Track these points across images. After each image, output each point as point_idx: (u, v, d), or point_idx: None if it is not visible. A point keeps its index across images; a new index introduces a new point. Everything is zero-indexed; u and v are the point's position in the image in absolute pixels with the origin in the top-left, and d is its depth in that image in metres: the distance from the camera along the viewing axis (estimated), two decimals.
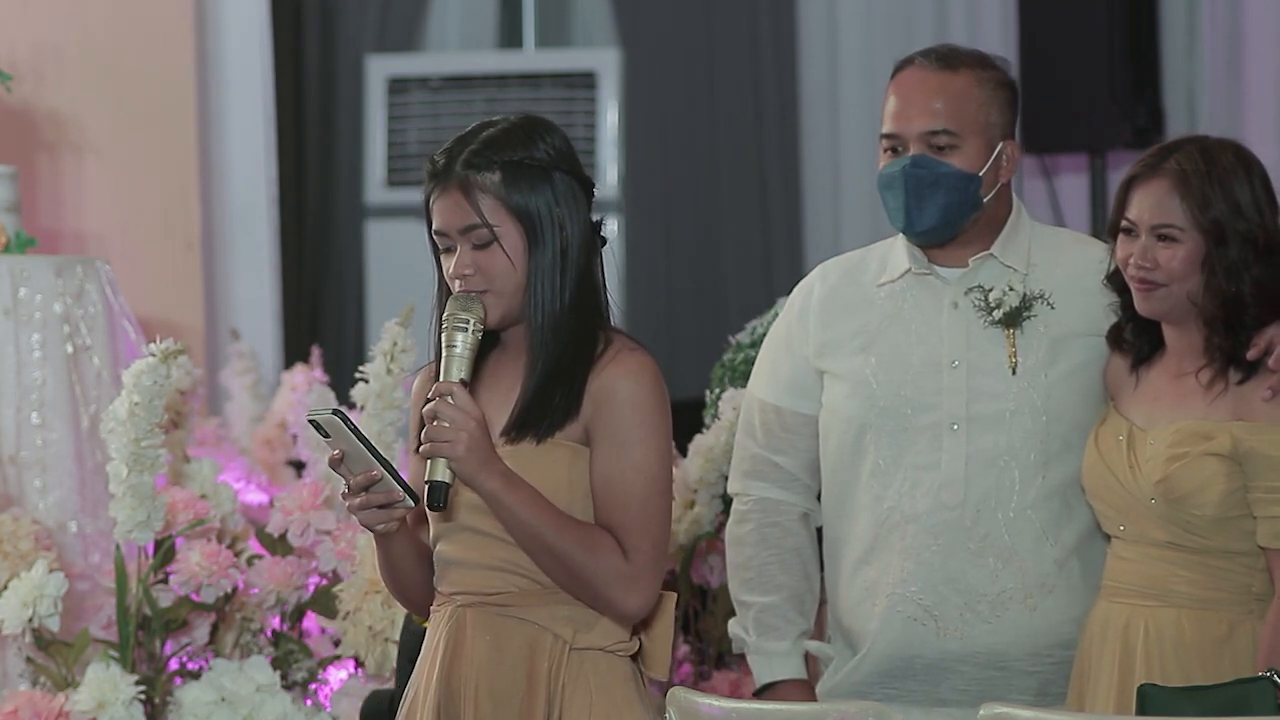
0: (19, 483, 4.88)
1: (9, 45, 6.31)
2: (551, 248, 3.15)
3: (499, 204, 3.13)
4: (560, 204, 3.16)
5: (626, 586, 3.11)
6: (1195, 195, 3.47)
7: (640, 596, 3.12)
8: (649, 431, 3.12)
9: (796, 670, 3.78)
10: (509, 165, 3.14)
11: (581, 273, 3.17)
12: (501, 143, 3.16)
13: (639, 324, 8.43)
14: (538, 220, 3.14)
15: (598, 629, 3.15)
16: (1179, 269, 3.48)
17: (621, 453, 3.12)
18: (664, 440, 3.14)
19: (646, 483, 3.12)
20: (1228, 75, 7.65)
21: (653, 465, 3.12)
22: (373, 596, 4.52)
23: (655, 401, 3.13)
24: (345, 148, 8.84)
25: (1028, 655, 3.66)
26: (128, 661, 4.45)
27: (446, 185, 3.15)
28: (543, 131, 3.19)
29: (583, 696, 3.14)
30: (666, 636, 3.22)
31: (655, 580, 3.14)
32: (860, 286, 3.78)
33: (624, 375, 3.12)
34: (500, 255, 3.13)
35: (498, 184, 3.13)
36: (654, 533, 3.12)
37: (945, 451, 3.66)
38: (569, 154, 3.20)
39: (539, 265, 3.14)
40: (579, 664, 3.15)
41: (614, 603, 3.12)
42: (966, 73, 3.67)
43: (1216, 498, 3.45)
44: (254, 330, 7.38)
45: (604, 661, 3.16)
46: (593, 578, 3.11)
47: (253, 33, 7.53)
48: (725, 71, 8.56)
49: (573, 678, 3.14)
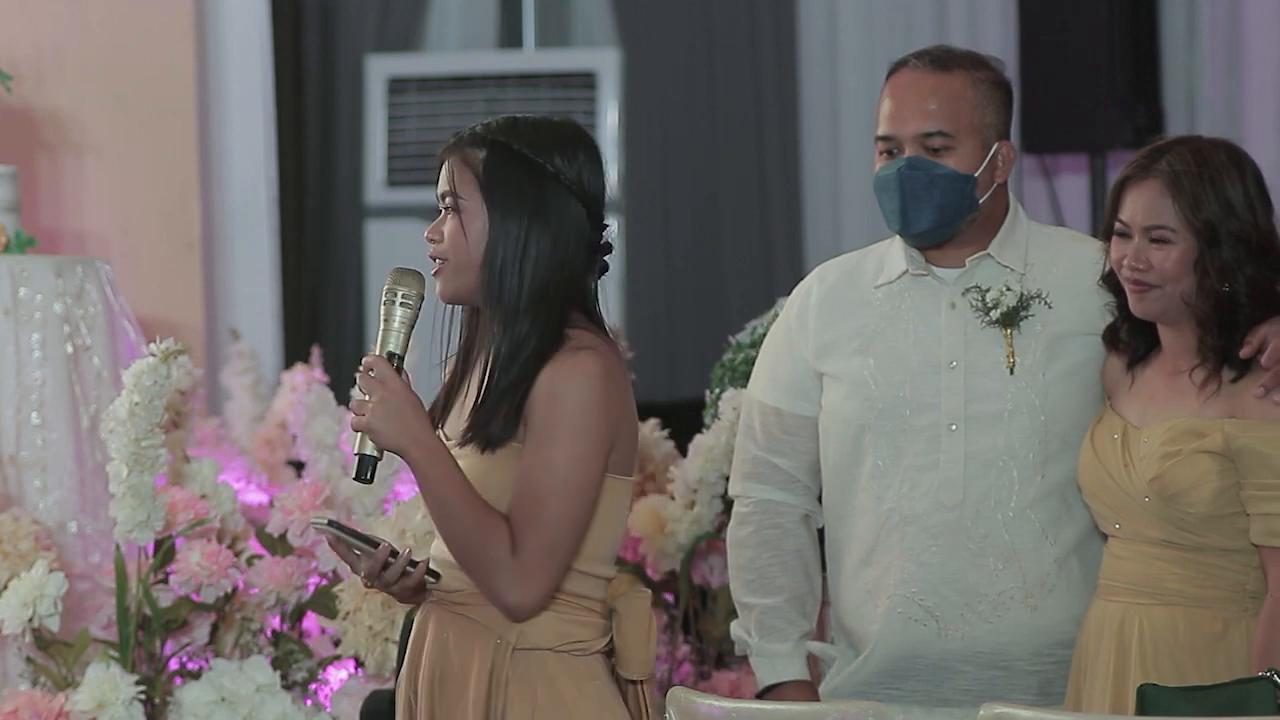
0: (19, 483, 4.88)
1: (9, 45, 6.31)
2: (515, 238, 3.15)
3: (474, 180, 3.17)
4: (541, 205, 3.16)
5: (508, 580, 3.10)
6: (1187, 196, 3.47)
7: (522, 593, 3.10)
8: (565, 432, 3.10)
9: (799, 672, 3.78)
10: (497, 146, 3.17)
11: (553, 278, 3.16)
12: (514, 130, 3.19)
13: (639, 324, 8.44)
14: (503, 206, 3.15)
15: (542, 629, 3.15)
16: (1172, 270, 3.48)
17: (537, 449, 3.11)
18: (582, 443, 3.11)
19: (551, 482, 3.10)
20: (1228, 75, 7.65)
21: (561, 467, 3.10)
22: (372, 596, 4.52)
23: (579, 403, 3.11)
24: (345, 148, 8.85)
25: (1029, 654, 3.66)
26: (128, 661, 4.45)
27: (449, 151, 3.21)
28: (572, 140, 3.20)
29: (526, 697, 3.14)
30: (639, 637, 3.20)
31: (541, 580, 3.11)
32: (858, 288, 3.78)
33: (555, 374, 3.12)
34: (457, 226, 3.17)
35: (479, 161, 3.17)
36: (547, 533, 3.10)
37: (944, 452, 3.66)
38: (582, 171, 3.19)
39: (495, 251, 3.15)
40: (524, 664, 3.15)
41: (496, 593, 3.12)
42: (960, 74, 3.67)
43: (1209, 495, 3.45)
44: (254, 330, 7.38)
45: (554, 661, 3.16)
46: (478, 564, 3.11)
47: (253, 33, 7.53)
48: (725, 71, 8.57)
49: (518, 678, 3.15)
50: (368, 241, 8.68)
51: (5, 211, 5.22)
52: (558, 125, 3.21)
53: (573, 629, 3.17)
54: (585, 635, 3.18)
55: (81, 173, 6.63)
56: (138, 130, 6.81)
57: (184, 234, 7.02)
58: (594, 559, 3.19)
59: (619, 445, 3.17)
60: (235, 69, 7.46)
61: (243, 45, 7.49)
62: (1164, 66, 7.64)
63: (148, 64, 6.88)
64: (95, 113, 6.62)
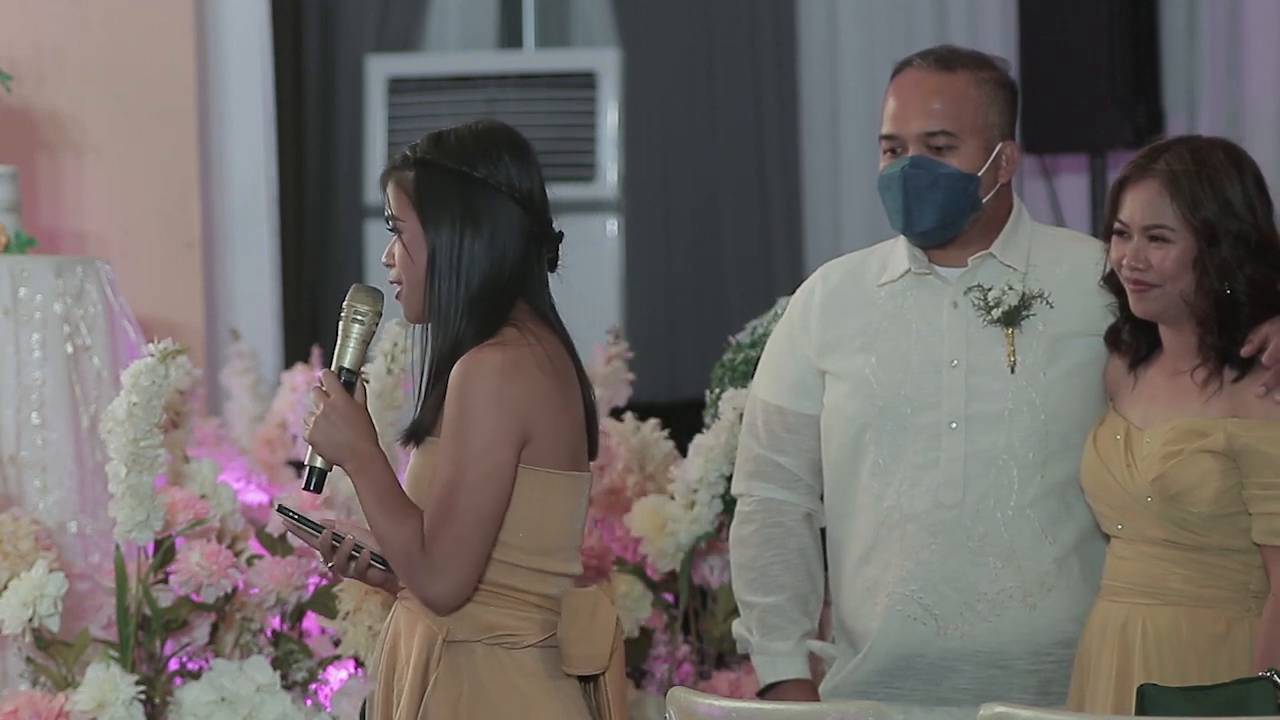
0: (19, 483, 4.88)
1: (9, 45, 6.30)
2: (449, 246, 3.25)
3: (408, 201, 3.28)
4: (471, 211, 3.25)
5: (422, 574, 3.20)
6: (1185, 195, 3.47)
7: (438, 585, 3.20)
8: (465, 426, 3.19)
9: (800, 670, 3.79)
10: (423, 164, 3.28)
11: (490, 276, 3.25)
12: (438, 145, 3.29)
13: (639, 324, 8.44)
14: (435, 220, 3.25)
15: (468, 621, 3.24)
16: (1171, 269, 3.49)
17: (443, 444, 3.22)
18: (482, 436, 3.18)
19: (454, 476, 3.19)
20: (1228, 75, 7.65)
21: (462, 460, 3.18)
22: (372, 596, 4.52)
23: (478, 396, 3.19)
24: (345, 148, 8.85)
25: (1028, 654, 3.66)
26: (128, 661, 4.45)
27: (385, 177, 3.33)
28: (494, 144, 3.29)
29: (451, 687, 3.23)
30: (577, 633, 3.25)
31: (452, 572, 3.19)
32: (861, 287, 3.78)
33: (459, 369, 3.22)
34: (403, 248, 3.29)
35: (410, 180, 3.28)
36: (454, 526, 3.18)
37: (944, 450, 3.67)
38: (510, 170, 3.28)
39: (434, 262, 3.26)
40: (454, 656, 3.24)
41: (415, 588, 3.23)
42: (964, 73, 3.67)
43: (1211, 495, 3.45)
44: (254, 330, 7.38)
45: (481, 653, 3.24)
46: (398, 561, 3.23)
47: (253, 33, 7.53)
48: (725, 71, 8.57)
49: (446, 670, 3.24)
50: (368, 241, 8.67)
51: (5, 211, 5.22)
52: (480, 132, 3.31)
53: (501, 620, 3.24)
54: (516, 627, 3.25)
55: (81, 173, 6.62)
56: (138, 130, 6.81)
57: (184, 234, 7.01)
58: (531, 552, 3.25)
59: (536, 438, 3.23)
60: (235, 69, 7.46)
61: (243, 45, 7.49)
62: (1164, 66, 7.64)
63: (148, 64, 6.87)
64: (95, 113, 6.62)
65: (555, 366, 3.25)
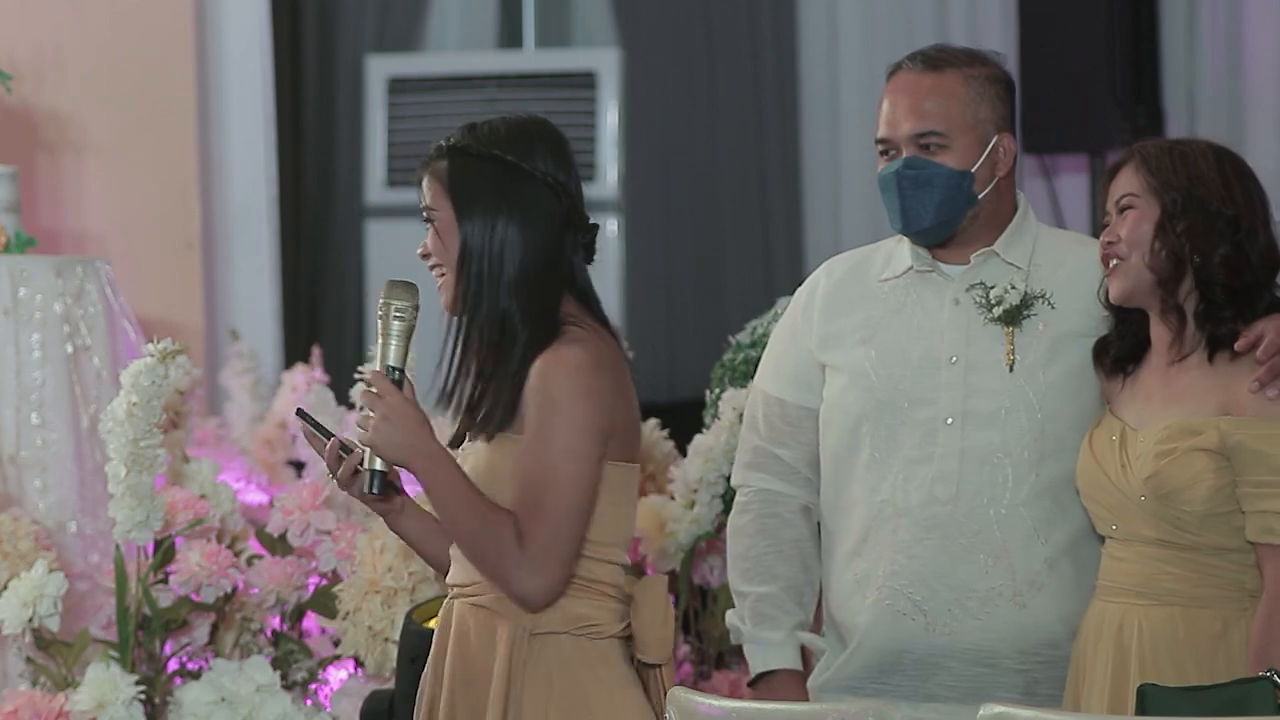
0: (19, 483, 4.88)
1: (9, 45, 6.30)
2: (484, 232, 3.26)
3: (442, 190, 3.29)
4: (503, 196, 3.26)
5: (519, 572, 3.20)
6: (1152, 164, 3.53)
7: (535, 581, 3.20)
8: (557, 426, 3.20)
9: (791, 660, 3.78)
10: (456, 152, 3.29)
11: (528, 261, 3.26)
12: (472, 134, 3.31)
13: (639, 324, 8.44)
14: (469, 207, 3.26)
15: (556, 614, 3.25)
16: (1132, 236, 3.51)
17: (531, 443, 3.22)
18: (575, 435, 3.21)
19: (549, 475, 3.20)
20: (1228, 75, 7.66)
21: (558, 459, 3.19)
22: (372, 596, 4.52)
23: (565, 394, 3.20)
24: (345, 148, 8.85)
25: (1017, 653, 3.66)
26: (128, 661, 4.45)
27: (421, 169, 3.34)
28: (527, 133, 3.31)
29: (542, 680, 3.24)
30: (655, 621, 3.30)
31: (554, 567, 3.21)
32: (864, 282, 3.79)
33: (544, 369, 3.22)
34: (436, 236, 3.30)
35: (443, 169, 3.29)
36: (551, 522, 3.19)
37: (939, 446, 3.67)
38: (542, 157, 3.29)
39: (469, 248, 3.26)
40: (540, 648, 3.25)
41: (509, 584, 3.22)
42: (952, 72, 3.69)
43: (1205, 493, 3.45)
44: (254, 330, 7.38)
45: (569, 644, 3.26)
46: (489, 561, 3.22)
47: (253, 33, 7.53)
48: (725, 72, 8.57)
49: (534, 662, 3.24)
50: (367, 241, 8.68)
51: (5, 211, 5.22)
52: (513, 121, 3.34)
53: (586, 611, 3.27)
54: (599, 618, 3.27)
55: (81, 173, 6.63)
56: (138, 130, 6.81)
57: (184, 234, 7.02)
58: (606, 544, 3.29)
59: (617, 433, 3.27)
60: (235, 69, 7.47)
61: (243, 45, 7.49)
62: (1164, 66, 7.64)
63: (148, 64, 6.88)
64: (95, 113, 6.62)
65: (619, 360, 3.30)
